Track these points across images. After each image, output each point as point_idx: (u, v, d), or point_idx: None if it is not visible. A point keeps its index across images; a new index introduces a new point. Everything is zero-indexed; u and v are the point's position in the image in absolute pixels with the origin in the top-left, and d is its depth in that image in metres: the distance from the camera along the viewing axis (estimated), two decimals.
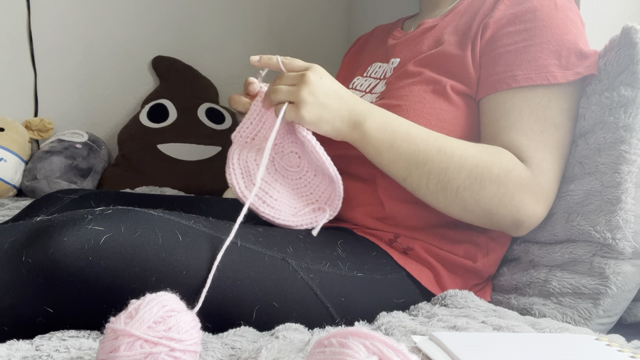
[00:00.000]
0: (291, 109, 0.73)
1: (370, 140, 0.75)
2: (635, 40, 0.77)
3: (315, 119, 0.73)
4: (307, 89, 0.72)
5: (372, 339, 0.41)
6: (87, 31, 1.84)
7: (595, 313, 0.74)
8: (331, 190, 0.80)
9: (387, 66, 0.95)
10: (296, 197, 0.80)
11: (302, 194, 0.80)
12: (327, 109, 0.73)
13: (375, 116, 0.75)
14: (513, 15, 0.81)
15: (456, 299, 0.75)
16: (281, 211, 0.78)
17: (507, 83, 0.78)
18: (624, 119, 0.76)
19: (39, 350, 0.53)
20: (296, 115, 0.73)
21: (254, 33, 2.02)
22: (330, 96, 0.74)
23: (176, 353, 0.47)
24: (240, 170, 0.77)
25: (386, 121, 0.75)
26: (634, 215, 0.74)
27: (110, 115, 1.89)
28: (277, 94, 0.74)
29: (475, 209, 0.75)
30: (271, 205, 0.77)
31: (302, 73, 0.73)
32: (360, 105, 0.76)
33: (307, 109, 0.72)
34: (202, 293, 0.60)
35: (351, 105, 0.75)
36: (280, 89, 0.73)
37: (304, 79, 0.72)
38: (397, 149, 0.75)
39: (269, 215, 0.77)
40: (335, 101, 0.74)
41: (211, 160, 1.72)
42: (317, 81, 0.73)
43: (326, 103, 0.73)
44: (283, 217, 0.78)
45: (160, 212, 0.64)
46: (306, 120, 0.73)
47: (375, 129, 0.75)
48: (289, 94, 0.73)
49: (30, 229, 0.58)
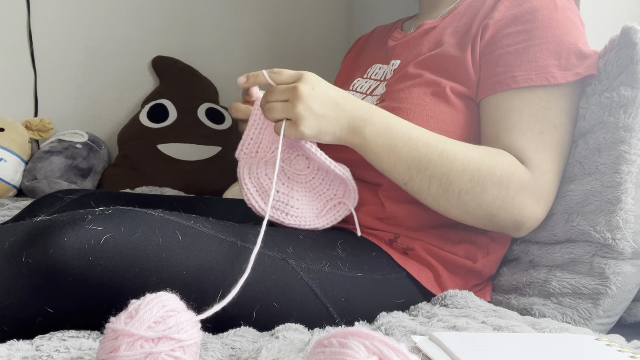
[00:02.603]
0: (290, 126, 0.72)
1: (371, 145, 0.75)
2: (635, 40, 0.77)
3: (315, 132, 0.73)
4: (302, 104, 0.71)
5: (372, 339, 0.41)
6: (87, 31, 1.84)
7: (595, 313, 0.74)
8: (345, 184, 0.81)
9: (387, 68, 0.95)
10: (315, 198, 0.81)
11: (320, 192, 0.81)
12: (325, 119, 0.73)
13: (375, 121, 0.75)
14: (513, 16, 0.81)
15: (456, 299, 0.75)
16: (305, 217, 0.79)
17: (506, 84, 0.78)
18: (623, 119, 0.76)
19: (39, 350, 0.53)
20: (296, 132, 0.72)
21: (254, 33, 2.02)
22: (327, 106, 0.73)
23: (176, 353, 0.47)
24: (255, 189, 0.78)
25: (386, 126, 0.75)
26: (634, 215, 0.74)
27: (110, 115, 1.89)
28: (272, 113, 0.73)
29: (476, 212, 0.75)
30: (294, 214, 0.79)
31: (294, 86, 0.71)
32: (359, 110, 0.75)
33: (305, 125, 0.72)
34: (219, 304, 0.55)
35: (349, 111, 0.74)
36: (275, 107, 0.72)
37: (296, 94, 0.71)
38: (397, 153, 0.75)
39: (296, 224, 0.79)
40: (332, 110, 0.73)
41: (211, 160, 1.72)
42: (310, 93, 0.71)
43: (323, 114, 0.72)
44: (308, 222, 0.80)
45: (160, 212, 0.64)
46: (306, 135, 0.73)
47: (376, 134, 0.75)
48: (284, 112, 0.72)
49: (30, 229, 0.58)
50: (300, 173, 0.80)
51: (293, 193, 0.79)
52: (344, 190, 0.82)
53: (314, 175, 0.81)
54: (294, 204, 0.79)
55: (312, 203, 0.81)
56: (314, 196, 0.81)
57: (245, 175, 0.78)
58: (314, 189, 0.81)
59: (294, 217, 0.78)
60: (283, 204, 0.78)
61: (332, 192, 0.82)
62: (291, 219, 0.78)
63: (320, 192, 0.81)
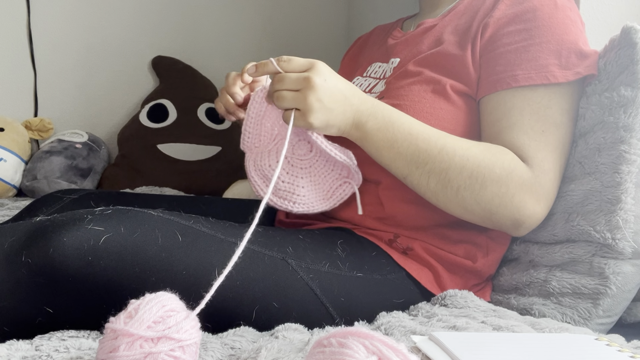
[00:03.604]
0: (299, 116, 0.72)
1: (372, 139, 0.75)
2: (635, 40, 0.77)
3: (323, 124, 0.73)
4: (314, 95, 0.70)
5: (371, 339, 0.41)
6: (87, 31, 1.84)
7: (595, 313, 0.74)
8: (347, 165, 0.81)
9: (387, 66, 0.95)
10: (321, 181, 0.81)
11: (325, 174, 0.82)
12: (333, 113, 0.73)
13: (378, 116, 0.75)
14: (513, 15, 0.81)
15: (456, 299, 0.75)
16: (313, 203, 0.80)
17: (507, 82, 0.78)
18: (623, 119, 0.76)
19: (38, 350, 0.53)
20: (305, 122, 0.72)
21: (254, 33, 2.02)
22: (336, 100, 0.72)
23: (176, 353, 0.47)
24: (261, 180, 0.79)
25: (387, 121, 0.75)
26: (634, 215, 0.74)
27: (110, 115, 1.89)
28: (282, 101, 0.72)
29: (475, 209, 0.75)
30: (302, 202, 0.79)
31: (306, 76, 0.71)
32: (364, 105, 0.75)
33: (315, 116, 0.71)
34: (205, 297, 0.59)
35: (355, 106, 0.75)
36: (285, 95, 0.71)
37: (309, 84, 0.70)
38: (397, 148, 0.75)
39: (305, 211, 0.79)
40: (341, 104, 0.73)
41: (211, 160, 1.72)
42: (323, 85, 0.71)
43: (333, 108, 0.72)
44: (317, 206, 0.80)
45: (160, 212, 0.64)
46: (315, 126, 0.73)
47: (377, 129, 0.75)
48: (295, 101, 0.71)
49: (30, 229, 0.58)
50: (304, 158, 0.80)
51: (298, 181, 0.79)
52: (347, 171, 0.82)
53: (316, 159, 0.81)
54: (299, 192, 0.79)
55: (318, 187, 0.81)
56: (319, 179, 0.81)
57: (252, 169, 0.79)
58: (319, 171, 0.81)
59: (301, 204, 0.79)
60: (289, 194, 0.78)
61: (336, 173, 0.82)
62: (299, 206, 0.79)
63: (325, 174, 0.81)
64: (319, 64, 0.73)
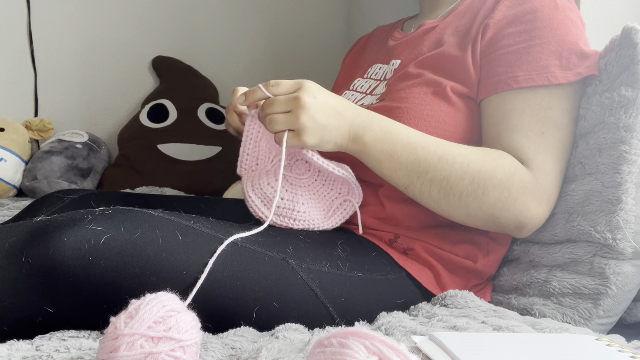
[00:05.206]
0: (293, 136, 0.71)
1: (371, 151, 0.75)
2: (636, 40, 0.77)
3: (318, 141, 0.72)
4: (305, 114, 0.70)
5: (372, 339, 0.41)
6: (87, 31, 1.84)
7: (596, 313, 0.74)
8: (347, 182, 0.81)
9: (388, 67, 0.95)
10: (321, 200, 0.81)
11: (324, 194, 0.82)
12: (327, 129, 0.72)
13: (375, 127, 0.75)
14: (513, 16, 0.81)
15: (456, 299, 0.75)
16: (314, 220, 0.80)
17: (508, 84, 0.78)
18: (624, 120, 0.76)
19: (39, 350, 0.53)
20: (299, 142, 0.71)
21: (254, 33, 2.02)
22: (329, 115, 0.72)
23: (176, 353, 0.47)
24: (260, 200, 0.78)
25: (385, 132, 0.75)
26: (634, 215, 0.74)
27: (110, 115, 1.89)
28: (274, 125, 0.71)
29: (478, 214, 0.75)
30: (302, 219, 0.79)
31: (295, 96, 0.70)
32: (358, 118, 0.75)
33: (308, 135, 0.71)
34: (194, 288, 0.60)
35: (350, 119, 0.74)
36: (277, 118, 0.71)
37: (299, 104, 0.70)
38: (397, 159, 0.74)
39: (305, 227, 0.79)
40: (334, 119, 0.72)
41: (211, 160, 1.72)
42: (313, 103, 0.70)
43: (326, 124, 0.72)
44: (317, 224, 0.80)
45: (160, 213, 0.64)
46: (309, 145, 0.72)
47: (375, 140, 0.74)
48: (287, 123, 0.71)
49: (30, 229, 0.58)
50: (302, 177, 0.80)
51: (297, 198, 0.79)
52: (347, 188, 0.82)
53: (315, 178, 0.81)
54: (299, 209, 0.79)
55: (318, 205, 0.81)
56: (318, 198, 0.81)
57: (249, 189, 0.78)
58: (318, 191, 0.81)
59: (301, 221, 0.79)
60: (289, 210, 0.78)
61: (336, 192, 0.82)
62: (299, 223, 0.79)
63: (324, 193, 0.82)
64: (307, 82, 0.72)
